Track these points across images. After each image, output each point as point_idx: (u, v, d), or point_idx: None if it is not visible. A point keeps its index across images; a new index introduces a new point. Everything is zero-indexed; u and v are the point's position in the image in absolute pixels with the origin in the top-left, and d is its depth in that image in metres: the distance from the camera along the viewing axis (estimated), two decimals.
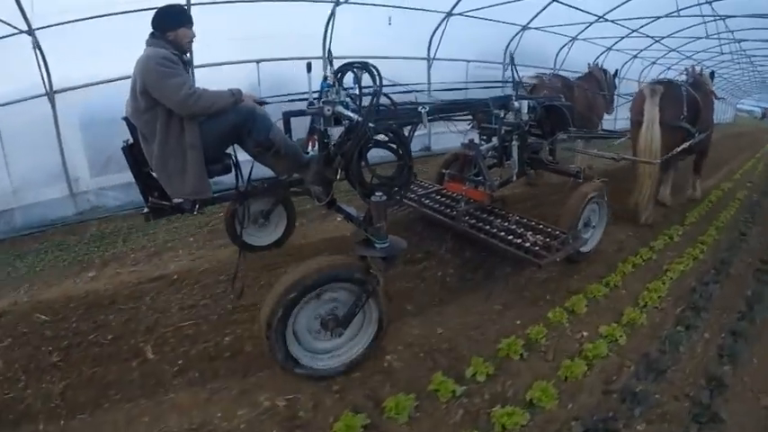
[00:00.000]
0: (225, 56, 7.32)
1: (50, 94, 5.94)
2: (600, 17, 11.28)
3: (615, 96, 9.60)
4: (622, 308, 4.04)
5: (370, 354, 3.11)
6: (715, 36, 12.46)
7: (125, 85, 3.17)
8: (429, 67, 10.49)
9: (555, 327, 3.70)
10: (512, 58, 5.04)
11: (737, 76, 23.50)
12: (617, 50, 14.72)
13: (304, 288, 2.70)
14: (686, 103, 5.97)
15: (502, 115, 4.81)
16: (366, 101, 3.14)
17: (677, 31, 13.02)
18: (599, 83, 8.64)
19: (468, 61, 11.25)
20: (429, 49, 10.37)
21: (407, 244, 3.23)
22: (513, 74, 5.10)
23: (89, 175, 6.43)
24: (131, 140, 3.42)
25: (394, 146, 3.22)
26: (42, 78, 5.82)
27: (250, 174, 3.67)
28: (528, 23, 11.26)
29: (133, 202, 6.22)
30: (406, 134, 3.48)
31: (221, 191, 3.81)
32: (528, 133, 5.11)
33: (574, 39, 13.07)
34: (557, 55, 13.57)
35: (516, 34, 11.62)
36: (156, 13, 3.32)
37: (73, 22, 5.63)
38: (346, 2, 7.87)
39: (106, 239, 5.46)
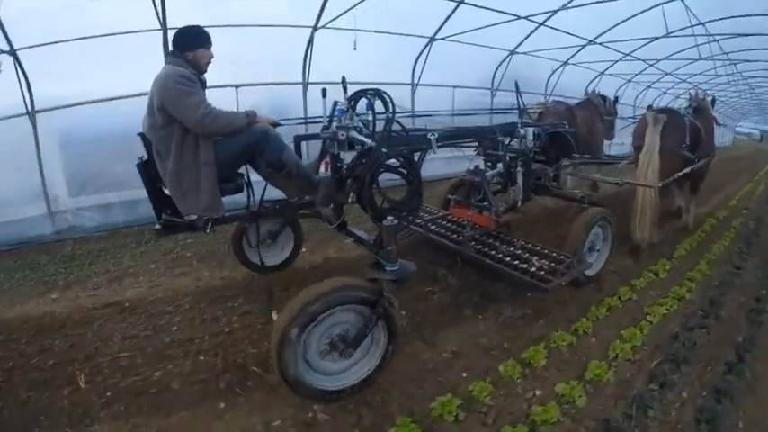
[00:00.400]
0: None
1: (32, 113, 5.99)
2: (590, 41, 11.24)
3: (615, 122, 9.70)
4: (588, 360, 3.58)
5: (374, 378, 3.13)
6: (710, 58, 12.33)
7: (106, 107, 3.22)
8: (413, 92, 10.41)
9: (505, 383, 3.30)
10: (516, 86, 5.12)
11: (735, 99, 23.72)
12: (610, 75, 14.73)
13: (316, 309, 2.73)
14: (688, 131, 6.08)
15: (507, 142, 4.90)
16: (378, 126, 3.22)
17: (670, 55, 13.00)
18: (597, 108, 8.74)
19: (454, 87, 11.20)
20: (413, 75, 10.32)
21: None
22: (518, 101, 5.18)
23: (67, 194, 6.43)
24: (146, 156, 3.49)
25: (404, 171, 3.29)
26: (24, 98, 5.88)
27: (263, 194, 3.73)
28: (516, 48, 11.21)
29: (107, 224, 6.41)
30: (416, 160, 3.55)
31: (232, 210, 3.85)
32: (532, 160, 5.21)
33: (565, 63, 13.04)
34: (548, 80, 13.53)
35: (504, 59, 11.57)
36: (178, 32, 3.44)
37: (55, 43, 5.69)
38: (324, 27, 7.87)
39: (76, 261, 5.43)
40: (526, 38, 10.62)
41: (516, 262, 4.38)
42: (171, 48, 3.46)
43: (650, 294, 4.91)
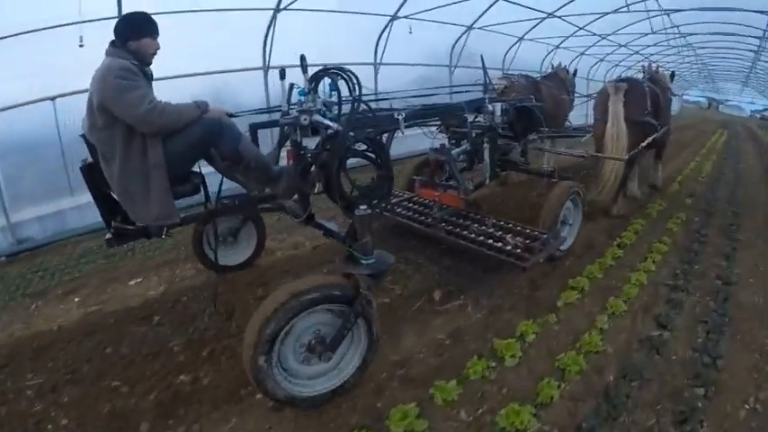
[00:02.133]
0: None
1: None
2: (549, 14, 11.33)
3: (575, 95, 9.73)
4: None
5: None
6: (662, 31, 12.69)
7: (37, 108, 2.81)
8: (376, 72, 10.28)
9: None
10: (482, 60, 4.97)
11: (684, 69, 24.23)
12: (564, 48, 14.87)
13: (290, 312, 2.49)
14: (649, 97, 6.07)
15: (473, 118, 4.74)
16: (343, 109, 2.96)
17: (623, 27, 13.21)
18: (563, 82, 8.71)
19: (414, 65, 11.11)
20: (375, 54, 10.18)
21: None
22: (484, 76, 5.02)
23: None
24: (90, 159, 3.15)
25: (373, 155, 3.06)
26: None
27: (219, 191, 3.44)
28: (473, 23, 11.18)
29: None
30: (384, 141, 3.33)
31: (187, 207, 3.55)
32: (499, 135, 5.07)
33: (521, 38, 13.08)
34: (505, 55, 13.57)
35: (462, 35, 11.51)
36: (120, 20, 3.08)
37: None
38: (286, 9, 7.66)
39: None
40: (484, 12, 10.61)
41: (490, 241, 4.28)
42: (113, 38, 3.07)
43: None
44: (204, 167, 3.45)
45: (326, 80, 2.99)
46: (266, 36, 7.96)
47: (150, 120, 2.84)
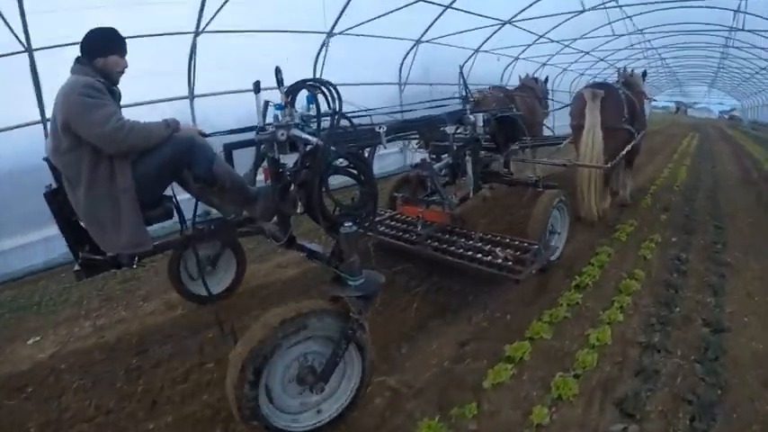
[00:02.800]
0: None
1: None
2: (505, 21, 10.95)
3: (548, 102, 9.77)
4: None
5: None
6: (624, 34, 12.74)
7: None
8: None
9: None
10: (461, 73, 4.90)
11: (651, 74, 24.79)
12: (524, 59, 14.60)
13: (275, 344, 2.30)
14: (626, 104, 6.04)
15: (453, 131, 4.65)
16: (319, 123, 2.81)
17: (585, 34, 13.09)
18: (534, 91, 8.74)
19: (358, 84, 9.75)
20: (314, 74, 9.07)
21: None
22: (465, 88, 4.97)
23: None
24: (54, 185, 2.94)
25: (355, 171, 2.91)
26: None
27: (194, 215, 3.25)
28: (421, 36, 10.58)
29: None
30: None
31: (161, 236, 3.34)
32: (481, 147, 4.99)
33: (477, 50, 12.55)
34: (461, 69, 12.79)
35: (410, 49, 10.86)
36: (86, 36, 2.88)
37: None
38: (205, 32, 6.93)
39: None
40: (433, 23, 9.99)
41: (479, 255, 4.18)
42: (79, 54, 2.90)
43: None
44: (179, 193, 3.26)
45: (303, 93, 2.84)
46: (189, 62, 7.14)
47: (117, 139, 2.65)
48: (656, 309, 3.99)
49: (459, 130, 4.79)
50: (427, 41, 10.79)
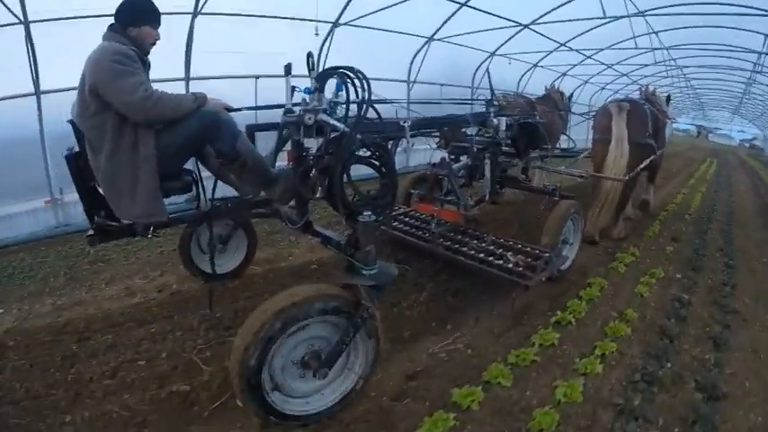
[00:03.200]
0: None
1: None
2: (524, 25, 10.53)
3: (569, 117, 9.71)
4: None
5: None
6: (649, 50, 12.62)
7: None
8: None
9: None
10: (488, 73, 4.89)
11: (675, 95, 24.69)
12: (543, 67, 14.29)
13: (284, 324, 2.30)
14: (650, 119, 6.07)
15: (476, 132, 4.65)
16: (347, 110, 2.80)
17: (609, 46, 12.71)
18: (556, 104, 8.72)
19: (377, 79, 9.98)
20: (316, 66, 8.95)
21: None
22: (490, 89, 4.94)
23: None
24: (76, 148, 2.94)
25: (376, 162, 2.91)
26: None
27: (213, 191, 3.22)
28: (434, 34, 10.14)
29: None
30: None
31: (177, 211, 3.34)
32: (501, 151, 5.00)
33: (492, 54, 12.13)
34: (474, 72, 12.50)
35: (422, 47, 10.44)
36: (121, 4, 2.88)
37: None
38: (201, 13, 6.69)
39: None
40: (448, 19, 9.53)
41: (491, 258, 4.16)
42: (113, 21, 2.89)
43: None
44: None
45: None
46: (187, 44, 6.95)
47: (145, 108, 2.64)
48: (644, 362, 3.35)
49: (479, 133, 4.79)
50: (439, 40, 10.36)
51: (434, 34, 10.12)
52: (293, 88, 3.05)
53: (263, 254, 5.01)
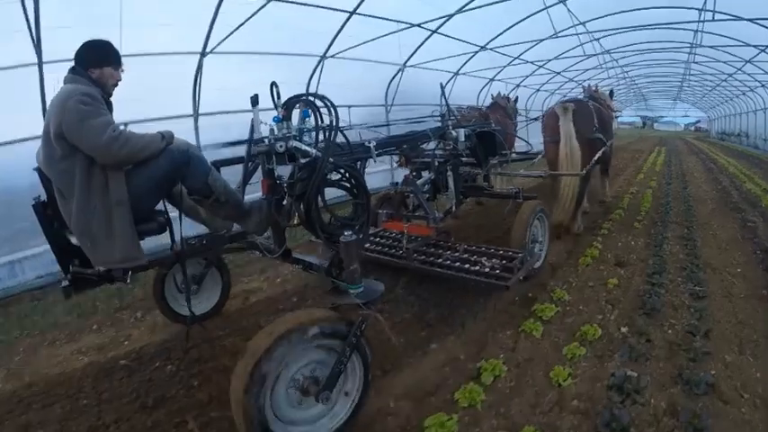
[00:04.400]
0: None
1: None
2: (482, 47, 11.68)
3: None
4: None
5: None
6: (594, 55, 13.45)
7: None
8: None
9: None
10: (442, 89, 5.03)
11: (617, 90, 25.65)
12: (499, 80, 15.21)
13: (282, 352, 2.30)
14: (596, 115, 6.39)
15: (434, 147, 4.76)
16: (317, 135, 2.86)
17: (558, 56, 13.87)
18: (505, 109, 8.97)
19: (349, 106, 9.97)
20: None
21: None
22: (446, 104, 5.10)
23: None
24: (44, 197, 2.87)
25: (347, 184, 2.96)
26: None
27: (180, 230, 3.14)
28: (407, 60, 11.07)
29: None
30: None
31: (152, 253, 3.27)
32: (461, 162, 5.16)
33: (456, 73, 13.21)
34: (442, 85, 13.21)
35: (396, 73, 11.38)
36: (81, 47, 2.86)
37: None
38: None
39: None
40: (418, 47, 10.58)
41: (467, 266, 4.26)
42: (73, 64, 2.87)
43: None
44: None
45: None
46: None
47: (113, 150, 2.60)
48: None
49: (439, 146, 4.90)
50: (412, 66, 11.29)
51: (408, 60, 11.03)
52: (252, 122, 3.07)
53: (90, 340, 4.13)
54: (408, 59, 11.01)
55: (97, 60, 2.87)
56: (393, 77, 11.45)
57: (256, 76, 6.96)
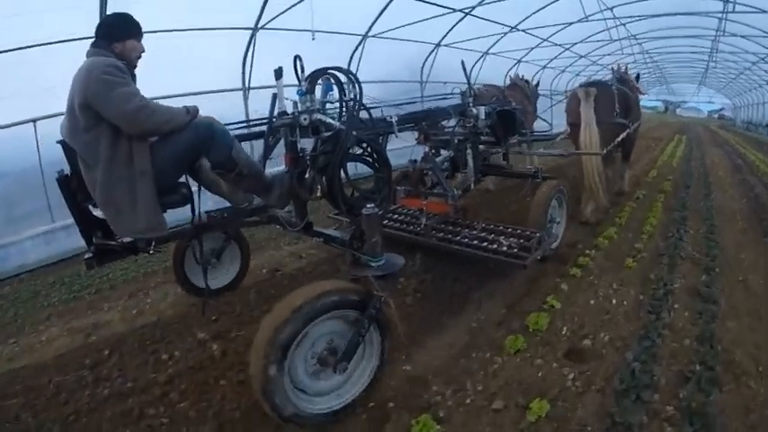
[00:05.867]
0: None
1: None
2: (512, 28, 11.97)
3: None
4: None
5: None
6: (618, 39, 13.43)
7: None
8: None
9: None
10: (463, 65, 4.99)
11: (642, 75, 25.13)
12: (526, 62, 15.36)
13: (302, 321, 2.33)
14: (618, 99, 6.31)
15: (454, 125, 4.74)
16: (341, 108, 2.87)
17: (585, 39, 13.97)
18: (522, 90, 8.92)
19: (387, 82, 11.07)
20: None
21: None
22: (467, 81, 5.05)
23: None
24: (66, 171, 2.89)
25: (369, 158, 2.97)
26: None
27: (198, 203, 3.16)
28: (441, 40, 11.54)
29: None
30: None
31: (174, 226, 3.30)
32: (481, 140, 5.13)
33: (485, 53, 13.54)
34: (470, 70, 13.45)
35: (431, 52, 11.84)
36: (103, 20, 2.88)
37: None
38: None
39: None
40: (452, 28, 10.94)
41: (485, 244, 4.28)
42: (94, 38, 2.85)
43: None
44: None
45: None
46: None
47: (140, 119, 2.61)
48: None
49: (459, 124, 4.89)
50: (446, 45, 11.82)
51: (441, 40, 11.63)
52: (274, 97, 3.06)
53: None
54: (442, 39, 11.51)
55: (120, 34, 2.86)
56: (428, 56, 12.01)
57: (304, 51, 7.37)
